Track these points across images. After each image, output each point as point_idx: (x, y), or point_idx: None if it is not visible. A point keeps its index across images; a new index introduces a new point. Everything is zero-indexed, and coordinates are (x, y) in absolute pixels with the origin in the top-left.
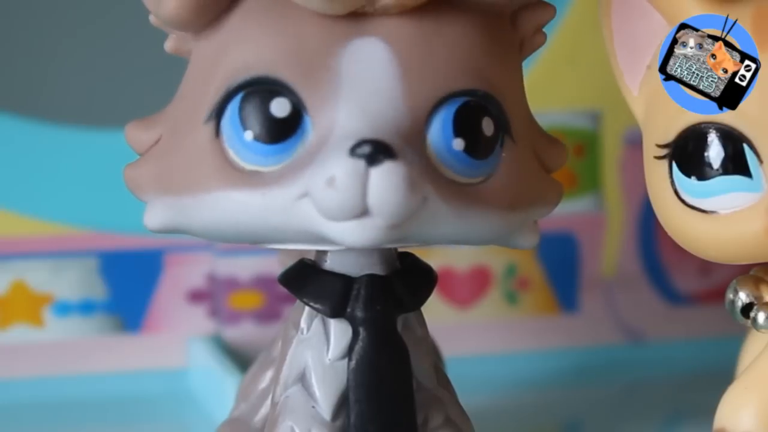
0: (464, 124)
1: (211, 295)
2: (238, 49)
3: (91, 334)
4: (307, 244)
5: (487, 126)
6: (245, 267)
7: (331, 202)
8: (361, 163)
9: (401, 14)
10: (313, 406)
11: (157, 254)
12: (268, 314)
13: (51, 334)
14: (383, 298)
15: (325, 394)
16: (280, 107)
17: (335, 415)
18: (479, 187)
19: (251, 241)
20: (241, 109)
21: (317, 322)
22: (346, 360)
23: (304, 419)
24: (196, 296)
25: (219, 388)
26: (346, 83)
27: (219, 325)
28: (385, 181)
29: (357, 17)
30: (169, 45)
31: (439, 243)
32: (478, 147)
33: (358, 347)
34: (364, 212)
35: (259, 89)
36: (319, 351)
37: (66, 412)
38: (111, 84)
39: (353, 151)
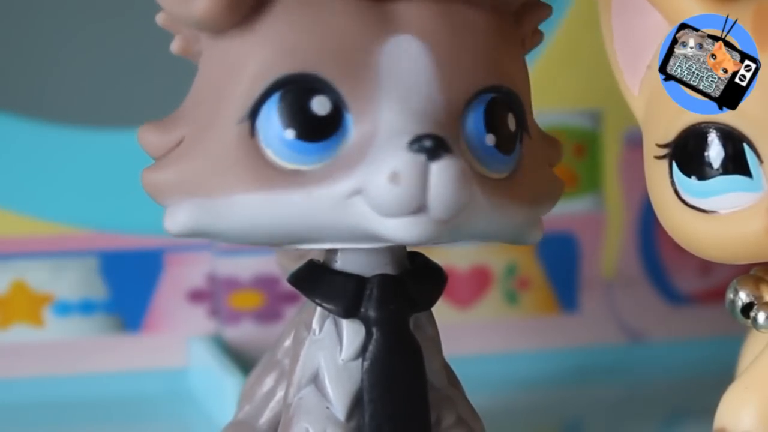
0: (494, 120)
1: (211, 295)
2: (272, 47)
3: (91, 334)
4: (350, 242)
5: (511, 122)
6: (245, 267)
7: (394, 197)
8: (422, 158)
9: (428, 7)
10: (328, 407)
11: (157, 254)
12: (268, 314)
13: (51, 334)
14: (396, 298)
15: (338, 395)
16: (321, 105)
17: (349, 416)
18: (506, 182)
19: (286, 242)
20: (280, 107)
21: (329, 323)
22: (360, 360)
23: (318, 420)
24: (196, 296)
25: (219, 388)
26: (386, 81)
27: (219, 325)
28: (445, 176)
29: (388, 13)
30: (176, 46)
31: (471, 239)
32: (505, 143)
33: (371, 347)
34: (421, 208)
35: (299, 87)
36: (332, 352)
37: (66, 412)
38: (112, 84)
39: (413, 146)
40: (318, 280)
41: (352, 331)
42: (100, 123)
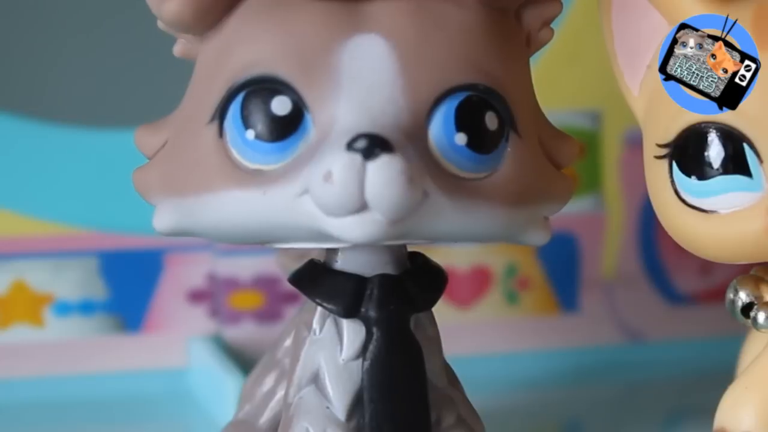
0: (466, 119)
1: (211, 295)
2: (239, 49)
3: (91, 334)
4: (311, 242)
5: (491, 121)
6: (245, 267)
7: (329, 197)
8: (357, 157)
9: (400, 6)
10: (328, 407)
11: (157, 254)
12: (268, 314)
13: (51, 334)
14: (396, 298)
15: (339, 395)
16: (280, 105)
17: (350, 416)
18: (483, 182)
19: (256, 241)
20: (242, 108)
21: (330, 323)
22: (360, 360)
23: (318, 420)
24: (196, 296)
25: (219, 388)
26: (346, 80)
27: (219, 325)
28: (381, 175)
29: (356, 12)
30: (177, 49)
31: (445, 240)
32: (481, 142)
33: (372, 347)
34: (362, 207)
35: (260, 88)
36: (332, 351)
37: (66, 412)
38: (112, 85)
39: (350, 146)
40: (318, 280)
41: (352, 331)
42: (100, 123)
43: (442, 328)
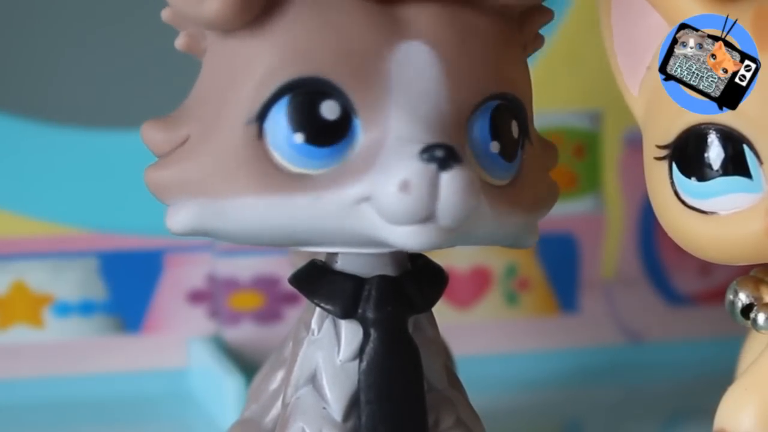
0: (499, 128)
1: (211, 296)
2: (284, 49)
3: (91, 335)
4: (354, 247)
5: (514, 129)
6: (245, 267)
7: (404, 206)
8: (433, 167)
9: (438, 13)
10: (324, 407)
11: (157, 254)
12: (268, 314)
13: (51, 334)
14: (394, 299)
15: (336, 396)
16: (330, 110)
17: (346, 416)
18: (507, 189)
19: (292, 245)
20: (289, 110)
21: (328, 323)
22: (357, 361)
23: (315, 420)
24: (196, 296)
25: (219, 389)
26: (396, 87)
27: (219, 326)
28: (455, 186)
29: (397, 18)
30: (181, 42)
31: (471, 244)
32: (508, 150)
33: (369, 348)
34: (429, 216)
35: (308, 91)
36: (330, 352)
37: (66, 412)
38: (112, 85)
39: (424, 155)
40: (317, 281)
41: (350, 332)
42: (100, 123)
43: (442, 328)
